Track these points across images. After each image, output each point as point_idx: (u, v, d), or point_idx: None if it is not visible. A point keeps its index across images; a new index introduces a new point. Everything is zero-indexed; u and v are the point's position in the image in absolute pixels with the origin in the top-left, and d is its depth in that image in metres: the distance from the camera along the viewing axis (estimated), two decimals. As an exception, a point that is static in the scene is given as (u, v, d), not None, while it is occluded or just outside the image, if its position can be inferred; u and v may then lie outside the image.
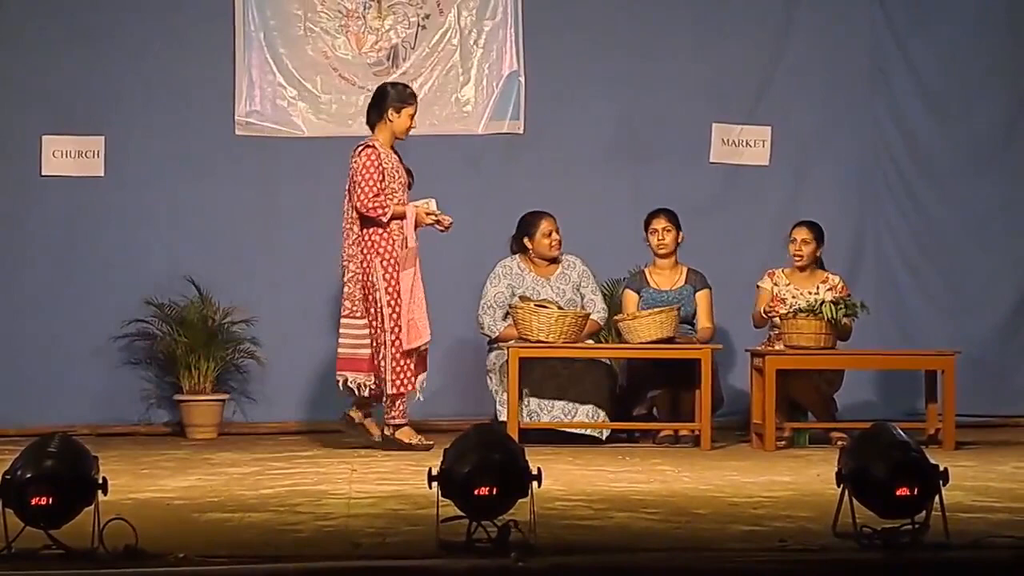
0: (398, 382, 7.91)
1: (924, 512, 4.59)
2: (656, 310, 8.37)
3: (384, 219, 7.88)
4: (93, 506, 4.48)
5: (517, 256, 8.69)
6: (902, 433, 4.75)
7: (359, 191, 7.87)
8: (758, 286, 8.76)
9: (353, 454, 7.83)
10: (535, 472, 4.57)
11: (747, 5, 9.80)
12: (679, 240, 8.76)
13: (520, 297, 8.42)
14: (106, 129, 9.39)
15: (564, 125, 9.62)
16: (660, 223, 8.73)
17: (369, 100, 8.20)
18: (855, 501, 4.65)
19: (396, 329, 7.86)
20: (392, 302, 7.85)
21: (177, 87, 9.43)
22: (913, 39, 9.88)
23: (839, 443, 7.91)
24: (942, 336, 9.41)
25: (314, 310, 9.50)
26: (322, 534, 4.94)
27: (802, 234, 8.68)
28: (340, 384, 8.09)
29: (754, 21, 9.78)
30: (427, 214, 8.01)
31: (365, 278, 7.94)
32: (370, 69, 9.59)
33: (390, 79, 9.54)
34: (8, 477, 4.43)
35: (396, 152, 8.12)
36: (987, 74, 9.90)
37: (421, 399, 8.15)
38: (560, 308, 8.36)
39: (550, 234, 8.58)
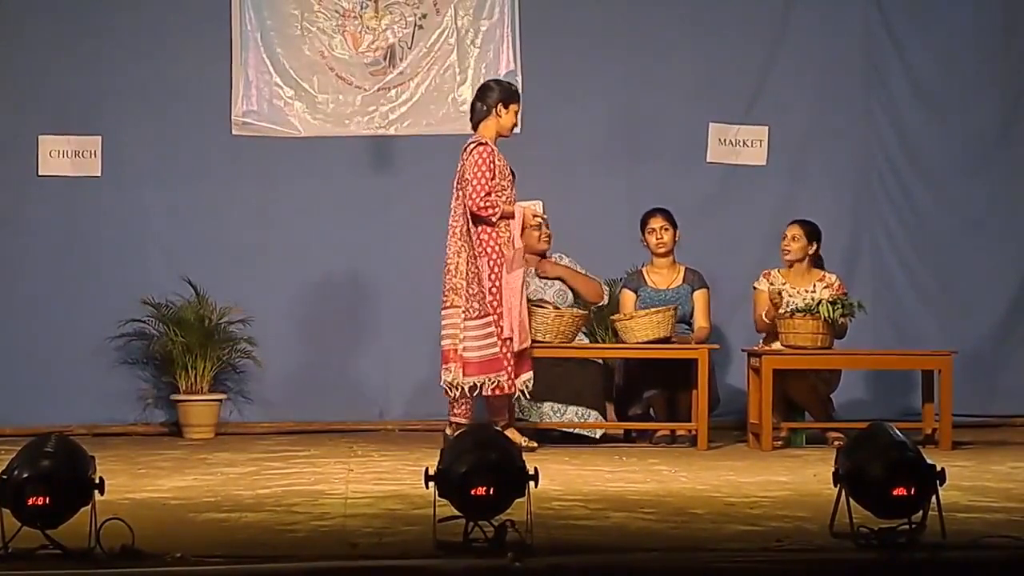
0: (508, 382, 7.74)
1: (921, 512, 4.59)
2: (653, 310, 8.37)
3: (494, 218, 7.72)
4: (90, 506, 4.48)
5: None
6: (899, 433, 4.75)
7: (471, 189, 7.71)
8: (755, 288, 8.75)
9: (350, 454, 7.83)
10: (532, 472, 4.57)
11: (744, 5, 9.80)
12: (676, 239, 8.77)
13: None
14: (103, 129, 9.39)
15: (561, 125, 9.62)
16: (658, 222, 8.73)
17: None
18: (852, 501, 4.65)
19: (507, 333, 7.70)
20: (494, 301, 7.71)
21: (174, 87, 9.43)
22: (909, 39, 9.89)
23: (836, 443, 7.93)
24: (938, 336, 9.43)
25: (311, 310, 9.50)
26: (319, 534, 4.94)
27: (792, 231, 8.69)
28: (450, 380, 7.80)
29: (751, 21, 9.78)
30: (533, 215, 7.93)
31: (470, 277, 7.76)
32: (367, 69, 9.59)
33: (387, 79, 9.57)
34: (5, 477, 4.42)
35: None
36: (982, 74, 9.90)
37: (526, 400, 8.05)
38: (557, 308, 8.35)
39: (540, 227, 8.52)
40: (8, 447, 6.18)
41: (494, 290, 7.72)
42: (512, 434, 7.86)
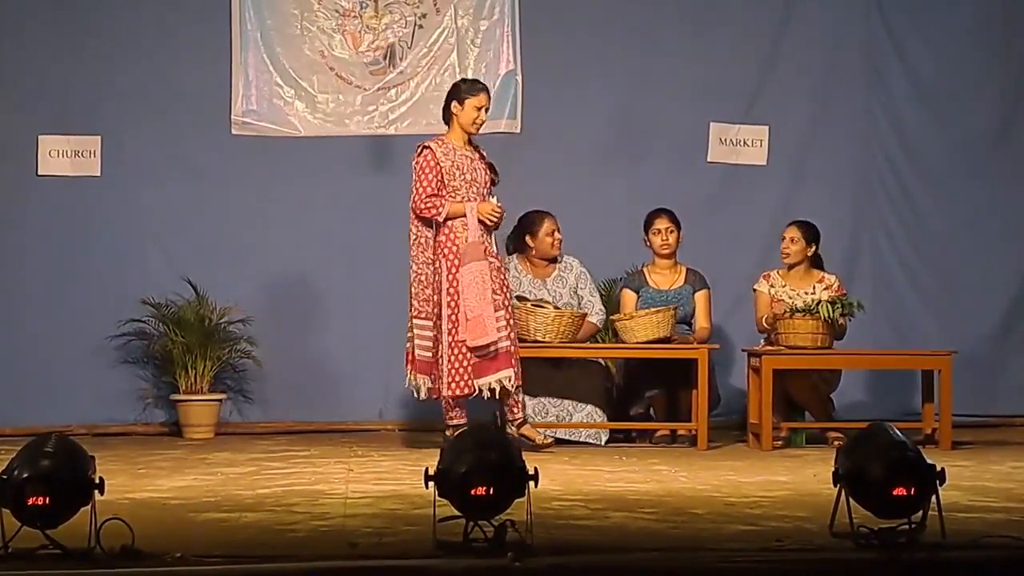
0: (453, 384, 7.72)
1: (921, 512, 4.59)
2: (653, 310, 8.38)
3: (439, 218, 7.72)
4: (90, 506, 4.48)
5: (514, 256, 8.68)
6: (899, 433, 4.75)
7: (413, 191, 7.77)
8: (755, 290, 8.75)
9: (350, 454, 7.83)
10: (532, 472, 4.57)
11: (744, 4, 9.80)
12: (680, 240, 8.76)
13: (517, 297, 8.40)
14: (102, 129, 9.38)
15: (561, 124, 9.62)
16: (663, 223, 8.72)
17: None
18: (852, 501, 4.65)
19: (452, 330, 7.72)
20: (452, 302, 7.73)
21: (174, 86, 9.43)
22: (909, 39, 9.89)
23: (836, 443, 7.93)
24: (938, 336, 9.43)
25: (311, 310, 9.50)
26: (319, 534, 4.94)
27: (790, 233, 8.69)
28: (408, 383, 7.91)
29: (751, 21, 9.78)
30: (492, 210, 7.76)
31: (434, 278, 7.79)
32: (367, 68, 9.59)
33: (387, 79, 9.57)
34: (5, 477, 4.42)
35: (476, 149, 7.95)
36: (982, 74, 9.91)
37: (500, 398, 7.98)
38: (557, 308, 8.35)
39: (552, 233, 8.55)
40: (8, 447, 6.18)
41: (451, 290, 7.73)
42: (529, 431, 7.87)
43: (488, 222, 7.79)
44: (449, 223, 7.75)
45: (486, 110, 7.90)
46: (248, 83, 9.50)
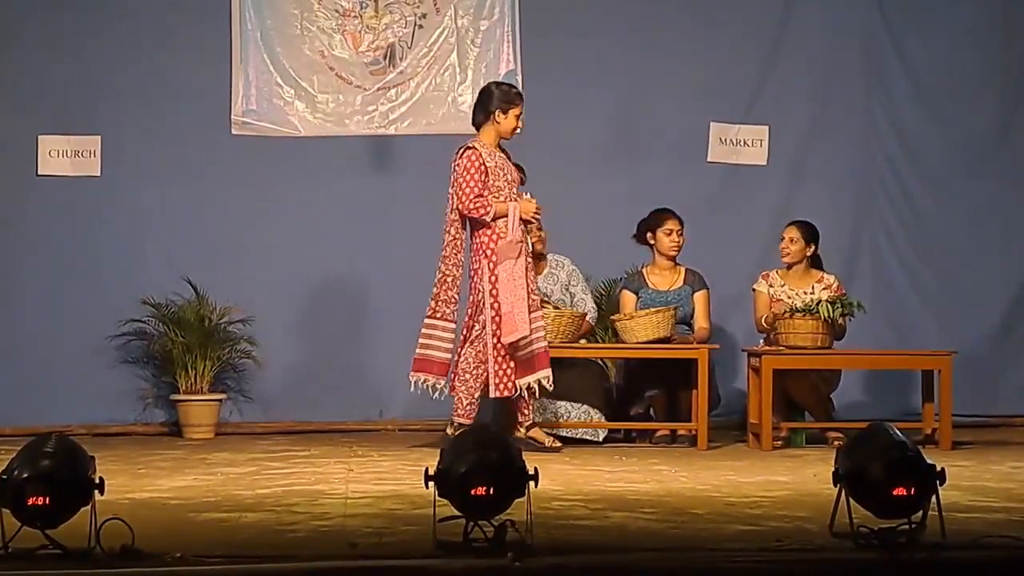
0: (500, 385, 7.73)
1: (921, 512, 4.59)
2: (653, 310, 8.38)
3: (488, 218, 7.72)
4: (90, 506, 4.48)
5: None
6: (899, 433, 4.75)
7: (460, 193, 7.75)
8: (754, 289, 8.76)
9: (350, 454, 7.83)
10: (532, 472, 4.57)
11: (744, 5, 9.80)
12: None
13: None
14: (102, 129, 9.38)
15: (561, 124, 9.62)
16: (675, 224, 8.68)
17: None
18: (852, 501, 4.65)
19: (497, 331, 7.72)
20: (495, 303, 7.72)
21: (173, 86, 9.43)
22: (909, 39, 9.89)
23: (836, 443, 7.93)
24: (938, 336, 9.43)
25: (311, 309, 9.49)
26: (319, 534, 4.94)
27: (790, 233, 8.69)
28: (413, 385, 7.94)
29: (752, 20, 9.78)
30: (534, 208, 7.83)
31: (474, 281, 7.79)
32: (367, 68, 9.59)
33: (387, 79, 9.57)
34: (5, 477, 4.42)
35: (503, 151, 7.97)
36: (982, 74, 9.90)
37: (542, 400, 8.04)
38: (557, 308, 8.35)
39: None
40: (8, 447, 6.18)
41: (493, 291, 7.72)
42: (537, 433, 7.88)
43: (531, 220, 7.84)
44: (493, 224, 7.76)
45: (523, 119, 7.96)
46: (248, 83, 9.50)
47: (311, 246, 9.52)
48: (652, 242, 8.74)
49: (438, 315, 7.89)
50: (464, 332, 7.89)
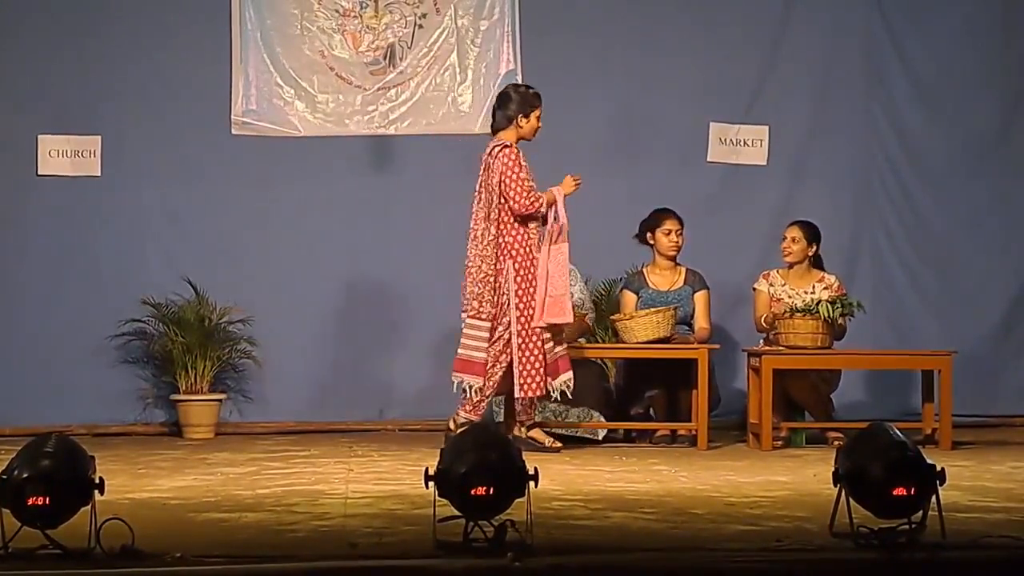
0: (526, 386, 7.74)
1: (921, 512, 4.59)
2: (653, 310, 8.38)
3: (542, 210, 7.80)
4: (90, 506, 4.48)
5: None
6: (899, 433, 4.75)
7: (512, 193, 7.76)
8: (755, 289, 8.76)
9: (350, 454, 7.83)
10: (532, 472, 4.57)
11: (744, 5, 9.80)
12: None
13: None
14: (102, 128, 9.38)
15: (561, 124, 9.57)
16: (674, 224, 8.69)
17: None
18: (852, 501, 4.65)
19: (523, 333, 7.73)
20: (522, 305, 7.73)
21: (174, 86, 9.43)
22: (909, 39, 9.89)
23: (836, 443, 7.93)
24: (938, 336, 9.43)
25: (311, 309, 9.49)
26: (319, 534, 4.94)
27: (792, 232, 8.69)
28: (455, 386, 7.85)
29: (751, 21, 9.78)
30: (576, 181, 7.92)
31: (498, 282, 7.80)
32: (367, 68, 9.59)
33: (387, 79, 9.57)
34: (5, 477, 4.42)
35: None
36: (982, 74, 9.91)
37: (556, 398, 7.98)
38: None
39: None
40: (8, 447, 6.18)
41: (520, 293, 7.71)
42: (537, 434, 7.87)
43: (574, 191, 7.90)
44: (527, 225, 7.79)
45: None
46: (248, 83, 9.50)
47: (311, 246, 9.52)
48: (652, 242, 8.74)
49: (483, 315, 7.79)
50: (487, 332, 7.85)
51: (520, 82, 8.22)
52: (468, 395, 7.78)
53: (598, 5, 9.74)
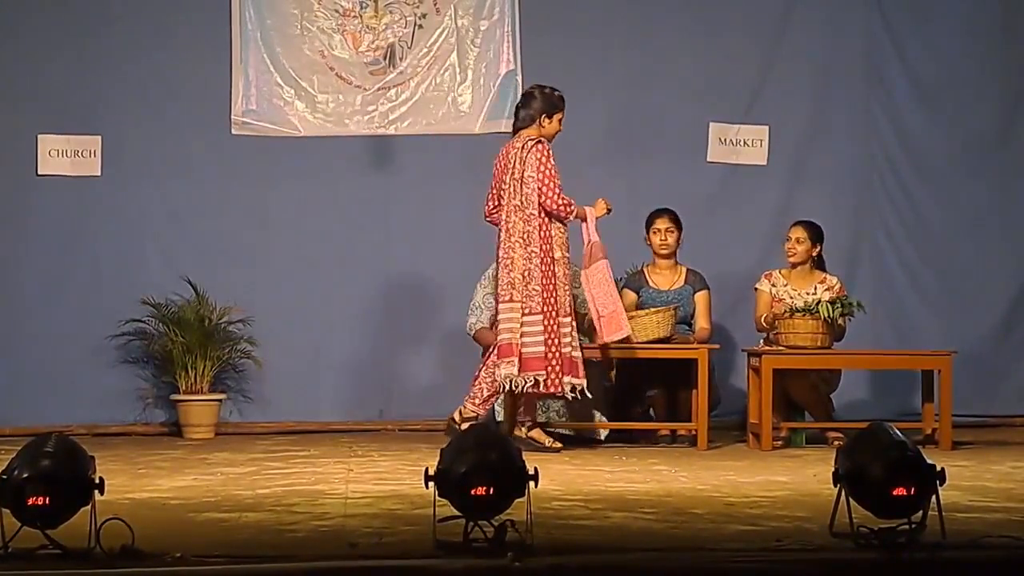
0: (548, 381, 7.72)
1: (921, 512, 4.59)
2: (653, 309, 8.38)
3: (570, 217, 7.83)
4: (90, 506, 4.48)
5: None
6: (899, 433, 4.75)
7: (546, 189, 7.78)
8: (756, 289, 8.76)
9: (350, 454, 7.83)
10: (532, 472, 4.57)
11: (744, 5, 9.80)
12: (680, 241, 8.76)
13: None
14: (102, 128, 9.38)
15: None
16: (663, 223, 8.72)
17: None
18: (852, 501, 4.65)
19: (549, 328, 7.72)
20: (543, 303, 7.72)
21: (174, 86, 9.43)
22: (909, 40, 9.89)
23: (836, 443, 7.93)
24: (938, 336, 9.43)
25: (311, 309, 9.49)
26: (319, 534, 4.94)
27: (796, 233, 8.70)
28: (523, 384, 7.72)
29: (751, 21, 9.78)
30: (605, 205, 7.97)
31: (527, 273, 7.77)
32: (367, 68, 9.59)
33: (387, 79, 9.56)
34: (5, 477, 4.42)
35: None
36: (982, 74, 9.90)
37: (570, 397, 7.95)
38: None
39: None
40: (8, 447, 6.18)
41: (543, 288, 7.72)
42: (537, 434, 7.87)
43: (604, 215, 7.96)
44: (550, 220, 7.81)
45: None
46: (248, 83, 9.50)
47: (311, 246, 9.52)
48: (648, 242, 8.77)
49: (508, 299, 7.77)
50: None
51: (545, 84, 8.19)
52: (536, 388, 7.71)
53: (598, 5, 9.74)
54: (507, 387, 7.70)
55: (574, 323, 7.84)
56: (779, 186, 9.77)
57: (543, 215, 7.80)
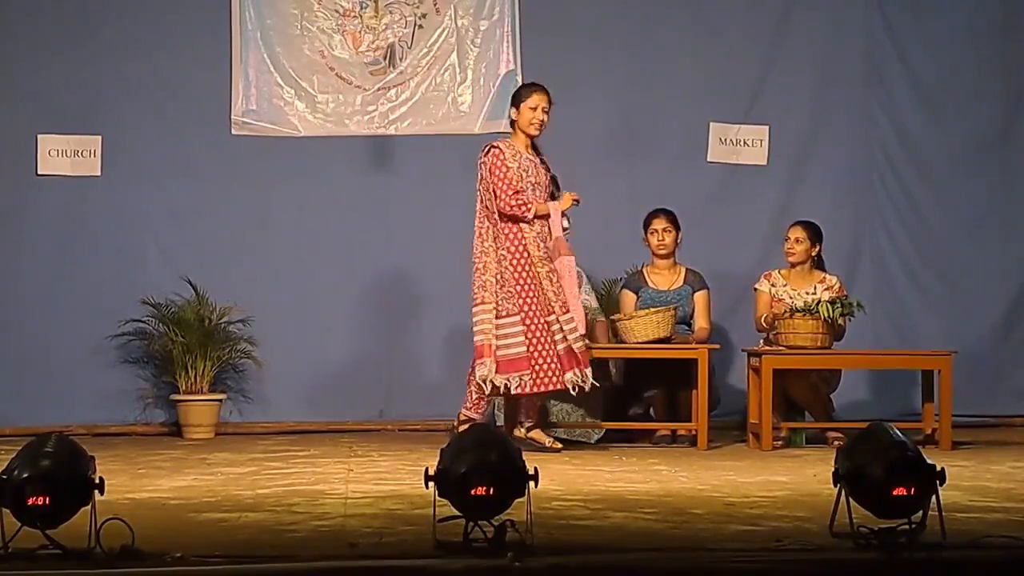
0: (540, 381, 7.73)
1: (921, 512, 4.59)
2: (653, 310, 8.38)
3: (528, 216, 7.79)
4: (90, 506, 4.48)
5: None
6: (899, 433, 4.74)
7: (498, 192, 7.78)
8: (756, 289, 8.76)
9: (350, 454, 7.83)
10: (532, 472, 4.57)
11: (744, 5, 9.80)
12: (678, 241, 8.76)
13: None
14: (102, 128, 9.38)
15: (561, 124, 9.53)
16: (660, 223, 8.73)
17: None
18: (852, 501, 4.65)
19: (532, 328, 7.72)
20: (520, 301, 7.73)
21: (174, 86, 9.43)
22: (909, 40, 9.89)
23: (836, 443, 7.93)
24: (939, 336, 9.43)
25: (311, 309, 9.49)
26: (319, 534, 4.94)
27: (796, 233, 8.70)
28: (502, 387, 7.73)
29: (751, 21, 9.79)
30: (572, 198, 7.92)
31: (499, 276, 7.79)
32: (367, 68, 9.59)
33: (387, 79, 9.57)
34: (5, 477, 4.42)
35: (539, 153, 8.03)
36: (982, 74, 9.91)
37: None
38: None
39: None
40: (8, 447, 6.18)
41: (519, 289, 7.72)
42: (538, 435, 7.87)
43: (571, 207, 7.89)
44: (514, 223, 7.78)
45: (544, 109, 7.94)
46: (248, 83, 9.50)
47: (311, 246, 9.52)
48: (646, 242, 8.77)
49: (480, 301, 7.80)
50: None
51: (527, 83, 8.20)
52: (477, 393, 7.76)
53: (598, 5, 9.74)
54: (487, 389, 7.71)
55: (577, 316, 7.80)
56: (779, 186, 9.77)
57: (505, 219, 7.80)
